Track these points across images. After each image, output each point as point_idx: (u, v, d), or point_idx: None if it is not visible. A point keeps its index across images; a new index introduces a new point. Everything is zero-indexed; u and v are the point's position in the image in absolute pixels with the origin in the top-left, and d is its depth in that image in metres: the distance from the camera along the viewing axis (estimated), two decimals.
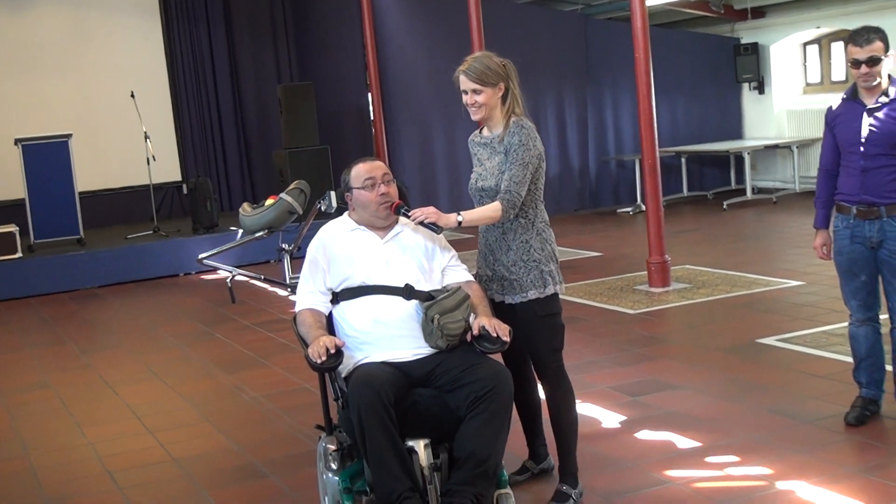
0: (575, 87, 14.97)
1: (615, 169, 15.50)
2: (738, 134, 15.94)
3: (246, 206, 5.49)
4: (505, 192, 4.29)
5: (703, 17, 15.48)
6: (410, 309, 4.21)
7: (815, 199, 5.36)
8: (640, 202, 14.36)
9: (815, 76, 15.16)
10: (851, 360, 5.45)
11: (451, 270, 4.44)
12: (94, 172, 14.25)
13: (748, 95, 15.84)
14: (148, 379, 7.64)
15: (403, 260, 4.33)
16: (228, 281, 5.61)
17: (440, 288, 4.31)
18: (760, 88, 15.52)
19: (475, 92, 4.36)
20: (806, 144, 14.50)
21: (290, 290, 4.88)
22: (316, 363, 3.95)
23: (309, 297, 4.32)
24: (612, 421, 5.69)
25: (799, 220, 12.21)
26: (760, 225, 12.74)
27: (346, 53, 15.12)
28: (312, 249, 4.41)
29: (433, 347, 4.17)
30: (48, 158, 12.26)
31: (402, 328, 4.20)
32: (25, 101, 14.34)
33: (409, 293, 4.23)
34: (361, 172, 4.37)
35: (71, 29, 14.67)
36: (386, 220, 4.37)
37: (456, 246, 4.82)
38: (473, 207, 4.47)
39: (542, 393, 4.67)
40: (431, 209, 4.22)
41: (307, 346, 4.08)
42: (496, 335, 4.10)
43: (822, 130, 5.33)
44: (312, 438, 5.47)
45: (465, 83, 4.38)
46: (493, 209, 4.30)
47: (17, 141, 12.19)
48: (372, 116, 14.64)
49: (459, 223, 4.25)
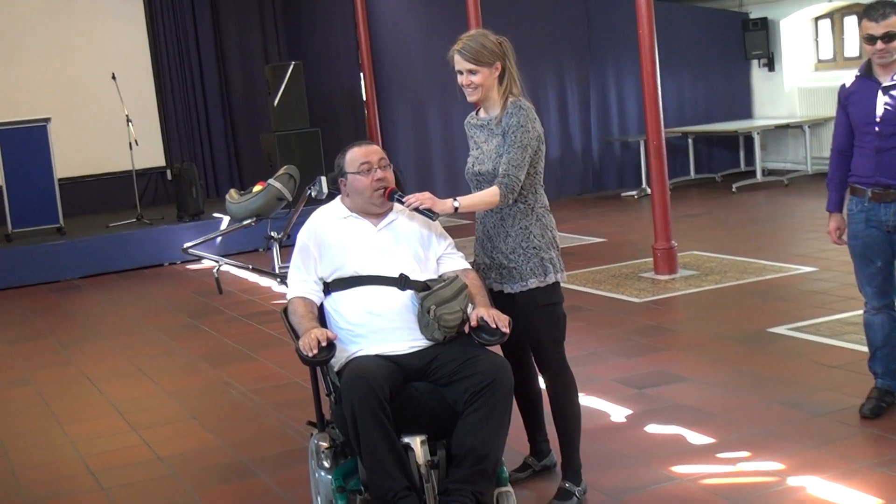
0: (576, 64, 14.94)
1: (619, 150, 15.48)
2: (747, 113, 15.92)
3: (233, 192, 5.48)
4: (503, 175, 4.28)
5: None
6: (406, 300, 4.21)
7: (827, 180, 5.35)
8: (645, 185, 14.36)
9: (827, 52, 15.13)
10: (867, 349, 5.46)
11: (447, 259, 4.44)
12: (73, 158, 14.22)
13: (758, 73, 15.81)
14: (132, 374, 7.64)
15: (398, 248, 4.33)
16: (215, 271, 5.60)
17: (436, 277, 4.32)
18: (770, 65, 15.49)
19: (471, 72, 4.35)
20: (818, 124, 14.49)
21: (279, 279, 4.88)
22: (307, 356, 3.95)
23: (300, 285, 4.33)
24: (617, 415, 5.70)
25: (811, 203, 12.21)
26: (771, 208, 12.73)
27: (336, 31, 15.08)
28: (303, 237, 4.41)
29: (429, 340, 4.17)
30: (26, 144, 12.23)
31: (396, 320, 4.20)
32: (1, 83, 14.29)
33: (404, 283, 4.23)
34: (357, 157, 4.37)
35: (49, 8, 14.62)
36: (381, 206, 4.37)
37: (452, 233, 4.82)
38: (470, 193, 4.46)
39: (543, 386, 4.68)
40: (427, 195, 4.22)
41: (298, 338, 4.08)
42: (495, 326, 4.10)
43: (834, 109, 5.32)
44: (304, 435, 5.47)
45: (459, 63, 4.37)
46: (490, 194, 4.29)
47: None
48: (364, 97, 14.62)
49: (456, 209, 4.25)
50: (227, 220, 10.19)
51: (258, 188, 5.54)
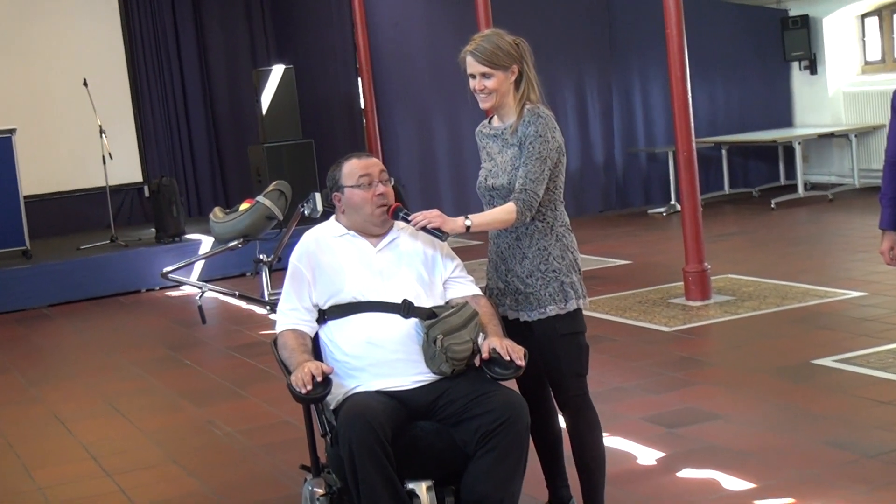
0: (598, 68, 14.97)
1: (645, 163, 15.49)
2: (787, 121, 15.93)
3: (217, 211, 5.51)
4: (520, 191, 4.28)
5: None
6: (409, 329, 4.21)
7: (880, 195, 5.34)
8: (674, 201, 14.35)
9: (875, 53, 15.15)
10: None
11: (455, 283, 4.43)
12: (41, 173, 14.25)
13: (798, 76, 15.83)
14: (105, 413, 7.63)
15: (400, 271, 4.33)
16: (198, 298, 5.64)
17: (443, 304, 4.31)
18: (812, 68, 15.51)
19: (484, 76, 4.36)
20: (866, 132, 14.49)
21: (269, 307, 4.90)
22: (300, 393, 3.95)
23: (291, 315, 4.32)
24: (645, 457, 5.68)
25: (859, 220, 12.20)
26: (814, 227, 12.73)
27: (332, 31, 15.13)
28: (295, 260, 4.41)
29: (436, 373, 4.17)
30: None
31: (399, 351, 4.19)
32: None
33: (407, 310, 4.22)
34: (355, 169, 4.37)
35: (13, 7, 14.67)
36: (381, 226, 4.38)
37: (462, 254, 4.82)
38: (482, 209, 4.46)
39: (563, 425, 4.66)
40: (435, 212, 4.22)
41: (290, 373, 4.08)
42: (509, 358, 4.09)
43: (885, 116, 5.32)
44: (297, 481, 5.45)
45: (472, 66, 4.37)
46: (505, 211, 4.29)
47: None
48: (363, 105, 14.64)
49: (468, 228, 4.25)
50: (210, 241, 10.20)
51: (245, 206, 5.58)
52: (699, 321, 8.49)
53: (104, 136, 12.73)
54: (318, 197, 5.16)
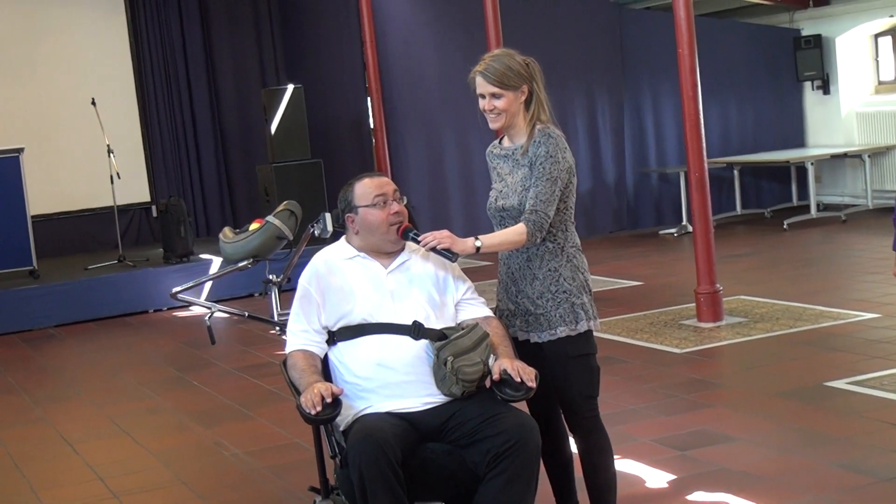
0: (609, 88, 14.99)
1: (657, 183, 15.50)
2: (799, 141, 15.94)
3: (227, 230, 5.52)
4: (530, 211, 4.29)
5: (757, 4, 15.51)
6: (420, 350, 4.22)
7: (893, 216, 5.34)
8: (686, 222, 14.36)
9: (888, 73, 15.16)
10: None
11: (466, 304, 4.44)
12: (49, 193, 14.29)
13: (811, 96, 15.84)
14: (113, 434, 7.64)
15: (411, 293, 4.34)
16: (206, 319, 5.63)
17: (454, 325, 4.32)
18: (825, 88, 15.52)
19: (494, 96, 4.37)
20: (879, 153, 14.49)
21: (278, 328, 4.90)
22: (310, 414, 3.96)
23: (301, 336, 4.33)
24: (656, 480, 5.67)
25: (873, 241, 12.19)
26: (827, 247, 12.71)
27: (341, 51, 15.17)
28: (304, 281, 4.42)
29: (446, 395, 4.17)
30: None
31: (410, 373, 4.20)
32: None
33: (417, 332, 4.23)
34: (369, 189, 4.39)
35: (21, 26, 14.74)
36: (395, 244, 4.39)
37: (472, 275, 4.82)
38: (493, 230, 4.47)
39: (574, 447, 4.66)
40: (445, 233, 4.23)
41: (299, 394, 4.08)
42: (520, 380, 4.10)
43: None
44: (306, 502, 5.46)
45: (482, 86, 4.39)
46: (516, 232, 4.30)
47: None
48: (372, 125, 14.66)
49: (478, 249, 4.26)
50: (219, 261, 10.20)
51: (255, 226, 5.58)
52: (711, 343, 8.48)
53: (112, 155, 12.77)
54: (328, 217, 5.15)
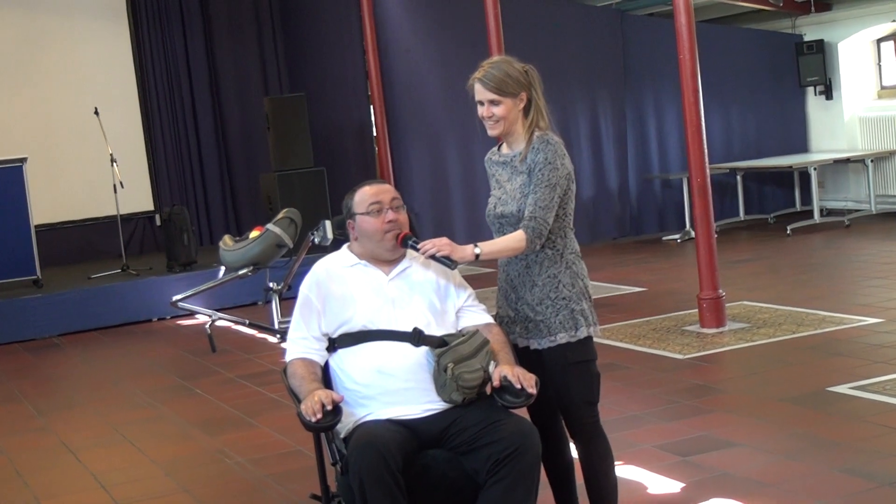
0: (611, 94, 14.99)
1: (659, 189, 15.49)
2: (802, 147, 15.93)
3: (227, 238, 5.53)
4: (529, 218, 4.29)
5: (758, 10, 15.50)
6: (420, 357, 4.22)
7: None
8: (689, 228, 14.35)
9: (891, 78, 15.16)
10: None
11: (467, 311, 4.44)
12: (52, 202, 14.32)
13: (813, 101, 15.84)
14: (116, 442, 7.64)
15: (412, 300, 4.35)
16: (208, 327, 5.66)
17: (455, 332, 4.32)
18: (828, 93, 15.52)
19: (492, 103, 4.37)
20: (882, 158, 14.49)
21: (279, 336, 4.91)
22: (310, 422, 3.96)
23: (301, 344, 4.33)
24: (658, 486, 5.67)
25: (876, 246, 12.17)
26: (830, 253, 12.70)
27: (343, 59, 15.18)
28: (305, 288, 4.42)
29: (447, 402, 4.17)
30: None
31: (410, 380, 4.20)
32: None
33: (418, 339, 4.24)
34: (367, 196, 4.40)
35: (24, 35, 14.76)
36: (393, 252, 4.39)
37: (472, 282, 4.82)
38: (492, 237, 4.48)
39: (575, 454, 4.66)
40: (444, 240, 4.24)
41: (300, 401, 4.08)
42: (520, 386, 4.10)
43: None
44: None
45: (480, 93, 4.39)
46: (515, 239, 4.30)
47: None
48: (374, 133, 14.68)
49: (477, 256, 4.26)
50: (221, 269, 10.21)
51: (255, 234, 5.59)
52: (714, 348, 8.48)
53: (115, 164, 12.77)
54: (328, 225, 5.17)
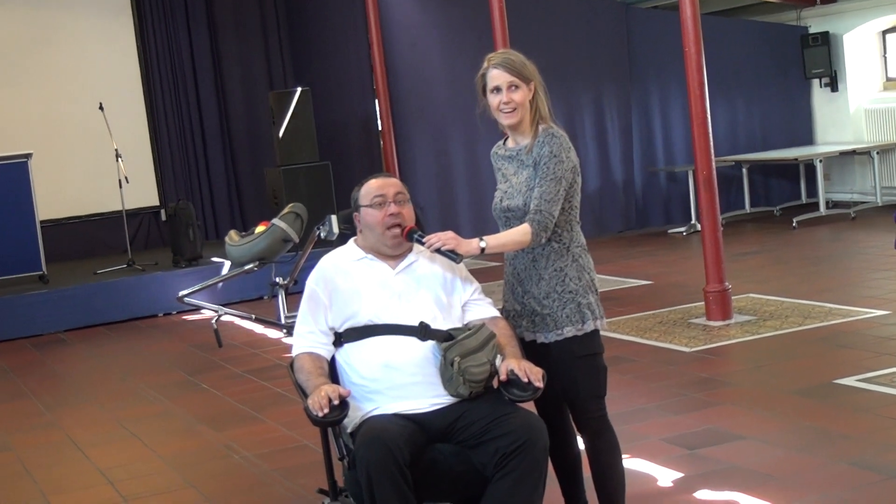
0: (616, 87, 14.98)
1: (665, 182, 15.49)
2: (808, 139, 15.92)
3: (233, 233, 5.53)
4: (535, 212, 4.29)
5: (764, 2, 15.49)
6: (426, 351, 4.22)
7: (894, 214, 5.32)
8: (694, 221, 14.33)
9: None
10: None
11: (473, 305, 4.44)
12: (57, 198, 14.32)
13: (819, 93, 15.82)
14: (122, 438, 7.65)
15: (418, 294, 4.34)
16: (214, 322, 5.67)
17: (461, 326, 4.32)
18: (833, 85, 15.49)
19: (512, 88, 4.36)
20: (888, 149, 14.47)
21: (285, 330, 4.91)
22: (317, 416, 3.96)
23: (308, 338, 4.33)
24: (665, 478, 5.67)
25: (882, 238, 12.15)
26: (837, 245, 12.69)
27: (348, 53, 15.17)
28: (311, 282, 4.42)
29: (454, 396, 4.17)
30: (4, 182, 12.31)
31: (417, 374, 4.20)
32: None
33: (424, 333, 4.23)
34: (372, 189, 4.41)
35: (29, 32, 14.75)
36: (394, 247, 4.39)
37: (479, 276, 4.81)
38: (498, 231, 4.47)
39: (582, 447, 4.66)
40: (450, 234, 4.23)
41: (306, 396, 4.08)
42: (527, 380, 4.10)
43: None
44: None
45: (499, 77, 4.37)
46: (521, 233, 4.30)
47: None
48: (380, 127, 14.66)
49: (482, 250, 4.26)
50: (227, 264, 10.23)
51: (261, 229, 5.59)
52: (720, 341, 8.47)
53: (120, 159, 12.77)
54: (334, 219, 5.17)
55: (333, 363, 4.36)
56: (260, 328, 10.41)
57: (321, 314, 4.34)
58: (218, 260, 12.66)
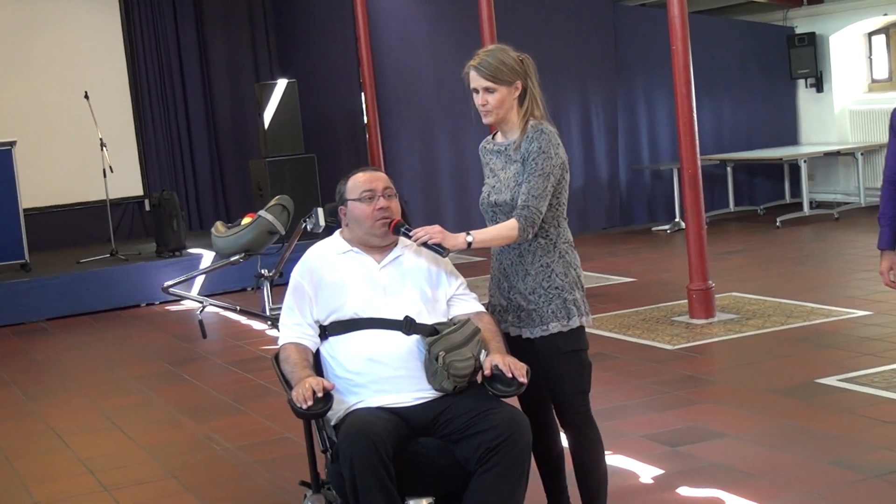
0: (602, 84, 15.01)
1: (650, 180, 15.52)
2: (792, 139, 15.95)
3: (219, 225, 5.52)
4: (522, 207, 4.29)
5: (750, 2, 15.53)
6: (411, 345, 4.22)
7: (879, 215, 5.34)
8: (678, 219, 14.37)
9: (882, 71, 15.18)
10: None
11: (458, 300, 4.45)
12: (41, 186, 14.28)
13: (804, 94, 15.86)
14: (104, 428, 7.64)
15: (403, 288, 4.35)
16: (198, 313, 5.66)
17: (446, 321, 4.32)
18: (819, 86, 15.54)
19: (487, 91, 4.37)
20: (872, 151, 14.51)
21: (270, 322, 4.91)
22: (301, 409, 3.96)
23: (294, 329, 4.33)
24: (647, 475, 5.68)
25: (865, 239, 12.20)
26: (820, 245, 12.73)
27: (335, 46, 15.16)
28: (297, 274, 4.42)
29: (438, 390, 4.18)
30: None
31: (401, 368, 4.20)
32: None
33: (409, 327, 4.24)
34: (359, 183, 4.40)
35: (13, 19, 14.71)
36: (383, 239, 4.39)
37: (465, 271, 4.82)
38: (485, 226, 4.48)
39: (565, 443, 4.67)
40: (437, 228, 4.24)
41: (291, 388, 4.08)
42: (511, 375, 4.10)
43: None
44: (296, 497, 5.45)
45: (475, 81, 4.39)
46: (508, 228, 4.30)
47: None
48: (366, 120, 14.66)
49: (469, 244, 4.26)
50: (211, 255, 10.22)
51: (247, 220, 5.58)
52: (703, 339, 8.49)
53: (105, 149, 12.74)
54: (320, 212, 5.17)
55: (318, 356, 4.36)
56: (244, 320, 10.41)
57: (306, 306, 4.34)
58: (197, 251, 12.66)
